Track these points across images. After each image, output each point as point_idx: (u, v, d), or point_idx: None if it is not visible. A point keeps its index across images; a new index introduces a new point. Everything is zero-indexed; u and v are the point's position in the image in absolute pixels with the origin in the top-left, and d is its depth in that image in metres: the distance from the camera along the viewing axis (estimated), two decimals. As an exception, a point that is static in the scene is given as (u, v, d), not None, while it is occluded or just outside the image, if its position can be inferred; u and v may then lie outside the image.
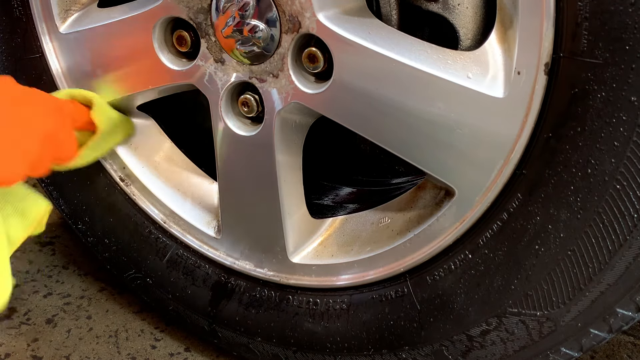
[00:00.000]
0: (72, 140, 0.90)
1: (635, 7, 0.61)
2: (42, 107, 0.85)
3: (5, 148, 0.78)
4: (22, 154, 0.80)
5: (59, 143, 0.87)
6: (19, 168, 0.80)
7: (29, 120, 0.82)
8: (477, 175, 0.76)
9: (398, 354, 0.89)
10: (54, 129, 0.85)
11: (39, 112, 0.84)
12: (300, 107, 0.83)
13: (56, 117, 0.87)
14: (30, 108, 0.83)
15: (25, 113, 0.82)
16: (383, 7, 0.82)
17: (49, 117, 0.85)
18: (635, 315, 0.74)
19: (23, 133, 0.80)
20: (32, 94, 0.86)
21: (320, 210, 1.00)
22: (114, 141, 1.00)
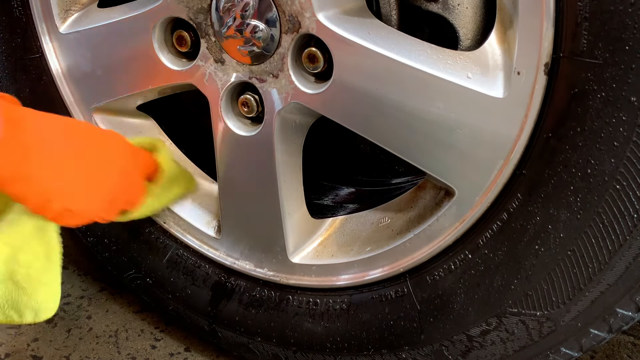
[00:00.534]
0: (142, 186, 0.91)
1: (635, 7, 0.61)
2: (120, 149, 0.88)
3: (86, 181, 0.82)
4: (102, 188, 0.84)
5: (131, 186, 0.89)
6: (98, 203, 0.84)
7: (108, 159, 0.85)
8: (477, 175, 0.76)
9: (398, 354, 0.89)
10: (130, 171, 0.88)
11: (118, 153, 0.87)
12: (300, 107, 0.83)
13: (132, 160, 0.89)
14: (109, 148, 0.86)
15: (105, 153, 0.85)
16: (383, 7, 0.82)
17: (126, 159, 0.88)
18: (635, 315, 0.74)
19: (103, 168, 0.84)
20: (111, 136, 0.89)
21: (320, 210, 1.00)
22: (175, 192, 0.99)
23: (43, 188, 0.78)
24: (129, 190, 0.89)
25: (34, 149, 0.76)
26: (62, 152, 0.79)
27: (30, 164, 0.76)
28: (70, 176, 0.80)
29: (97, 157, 0.84)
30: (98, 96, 1.00)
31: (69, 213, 0.81)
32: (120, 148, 0.88)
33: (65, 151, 0.80)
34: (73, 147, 0.81)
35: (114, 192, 0.85)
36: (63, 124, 0.82)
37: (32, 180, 0.76)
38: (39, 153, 0.77)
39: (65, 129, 0.82)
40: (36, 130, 0.77)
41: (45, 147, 0.78)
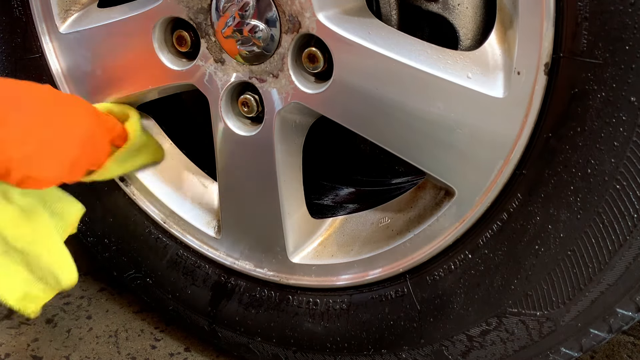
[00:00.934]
0: (106, 147, 0.90)
1: (635, 7, 0.61)
2: (83, 111, 0.87)
3: (47, 148, 0.80)
4: (63, 154, 0.82)
5: (95, 147, 0.88)
6: (59, 168, 0.82)
7: (71, 121, 0.84)
8: (477, 175, 0.76)
9: (398, 354, 0.89)
10: (93, 132, 0.86)
11: (80, 115, 0.86)
12: (300, 107, 0.83)
13: (95, 122, 0.88)
14: (71, 110, 0.85)
15: (67, 115, 0.84)
16: (383, 7, 0.82)
17: (89, 120, 0.87)
18: (635, 315, 0.74)
19: (64, 134, 0.82)
20: (73, 99, 0.88)
21: (320, 210, 1.00)
22: (141, 160, 0.99)
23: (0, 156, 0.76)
24: (91, 153, 0.87)
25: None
26: (19, 118, 0.77)
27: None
28: (28, 142, 0.78)
29: (57, 122, 0.82)
30: (98, 96, 1.00)
31: (31, 179, 0.79)
32: (82, 112, 0.87)
33: (22, 116, 0.78)
34: (30, 112, 0.79)
35: (76, 155, 0.84)
36: (20, 88, 0.81)
37: None
38: None
39: (22, 93, 0.80)
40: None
41: (1, 113, 0.76)
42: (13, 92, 0.79)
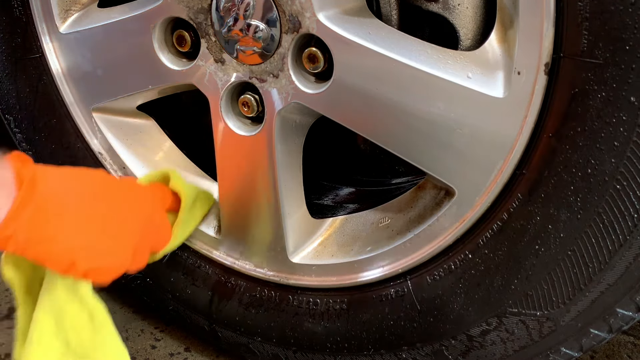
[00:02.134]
0: (166, 223, 0.90)
1: (635, 7, 0.61)
2: (138, 195, 0.87)
3: (109, 236, 0.79)
4: (126, 241, 0.81)
5: (156, 228, 0.88)
6: (122, 256, 0.81)
7: (129, 206, 0.83)
8: (477, 175, 0.76)
9: (398, 354, 0.89)
10: (151, 214, 0.86)
11: (137, 200, 0.85)
12: (301, 107, 0.83)
13: (151, 203, 0.87)
14: (127, 197, 0.84)
15: (124, 200, 0.83)
16: (383, 7, 0.82)
17: (145, 203, 0.86)
18: (635, 315, 0.74)
19: (125, 220, 0.82)
20: (126, 182, 0.88)
21: (320, 210, 1.00)
22: (200, 213, 0.98)
23: (63, 248, 0.75)
24: (154, 233, 0.88)
25: (50, 209, 0.74)
26: (78, 207, 0.77)
27: (48, 225, 0.73)
28: (90, 233, 0.78)
29: (115, 208, 0.81)
30: (98, 96, 1.00)
31: (96, 271, 0.78)
32: (137, 194, 0.87)
33: (82, 205, 0.78)
34: (89, 201, 0.79)
35: (138, 240, 0.83)
36: (76, 178, 0.80)
37: (52, 241, 0.74)
38: (56, 212, 0.74)
39: (79, 183, 0.80)
40: (50, 189, 0.74)
41: (61, 205, 0.75)
42: (69, 181, 0.79)
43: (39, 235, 0.73)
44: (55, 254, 0.75)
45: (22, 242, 0.73)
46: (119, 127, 1.04)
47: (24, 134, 1.09)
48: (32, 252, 0.75)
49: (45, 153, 1.08)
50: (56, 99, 1.03)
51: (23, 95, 1.06)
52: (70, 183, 0.79)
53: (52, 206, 0.74)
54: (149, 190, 0.90)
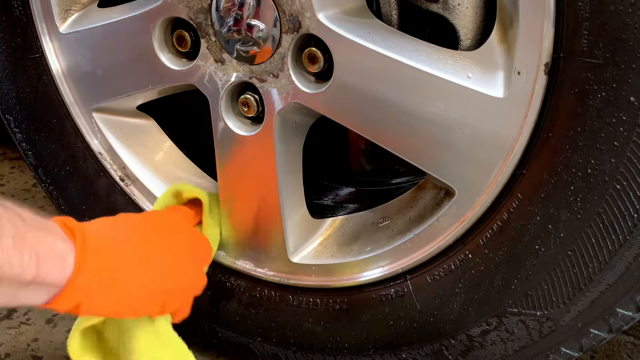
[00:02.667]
0: (203, 237, 0.92)
1: (635, 7, 0.61)
2: (172, 221, 0.88)
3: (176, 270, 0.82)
4: (189, 268, 0.84)
5: (199, 244, 0.90)
6: (195, 283, 0.86)
7: (173, 237, 0.85)
8: (477, 175, 0.76)
9: (398, 354, 0.89)
10: (191, 234, 0.89)
11: (174, 226, 0.87)
12: (301, 107, 0.83)
13: (185, 224, 0.89)
14: (164, 226, 0.86)
15: (165, 233, 0.85)
16: (383, 7, 0.82)
17: (181, 226, 0.89)
18: (635, 315, 0.74)
19: (177, 250, 0.84)
20: (155, 216, 0.90)
21: (320, 210, 1.00)
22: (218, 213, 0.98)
23: (145, 292, 0.76)
24: (200, 250, 0.90)
25: (112, 262, 0.72)
26: (136, 252, 0.77)
27: (117, 276, 0.72)
28: (156, 269, 0.78)
29: (163, 240, 0.83)
30: (98, 96, 1.00)
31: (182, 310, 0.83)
32: (170, 221, 0.88)
33: (138, 250, 0.78)
34: (140, 243, 0.79)
35: (194, 261, 0.86)
36: (117, 225, 0.80)
37: (127, 294, 0.74)
38: (119, 263, 0.73)
39: (122, 228, 0.80)
40: (104, 243, 0.73)
41: (121, 254, 0.75)
42: (114, 229, 0.79)
43: (110, 296, 0.72)
44: (141, 300, 0.76)
45: (97, 299, 0.71)
46: (119, 127, 1.03)
47: (24, 134, 1.09)
48: (111, 307, 0.74)
49: (45, 153, 1.08)
50: (56, 99, 1.03)
51: (23, 95, 1.06)
52: (116, 231, 0.78)
53: (113, 259, 0.73)
54: (175, 213, 0.92)
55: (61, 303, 0.67)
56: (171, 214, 0.92)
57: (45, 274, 0.63)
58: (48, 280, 0.64)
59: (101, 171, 1.05)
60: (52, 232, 0.67)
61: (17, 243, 0.60)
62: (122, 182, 1.04)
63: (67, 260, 0.67)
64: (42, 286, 0.65)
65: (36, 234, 0.64)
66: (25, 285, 0.63)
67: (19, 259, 0.60)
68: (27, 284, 0.63)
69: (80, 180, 1.07)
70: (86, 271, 0.68)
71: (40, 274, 0.63)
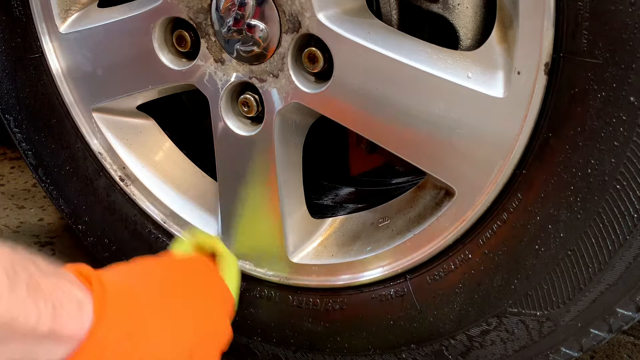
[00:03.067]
0: (224, 284, 0.86)
1: (635, 7, 0.61)
2: (194, 267, 0.84)
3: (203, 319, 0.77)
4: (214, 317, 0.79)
5: (222, 291, 0.84)
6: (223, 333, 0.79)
7: (196, 283, 0.81)
8: (477, 175, 0.76)
9: (398, 354, 0.89)
10: (213, 280, 0.84)
11: (196, 272, 0.83)
12: (300, 107, 0.83)
13: (206, 270, 0.85)
14: (186, 271, 0.82)
15: (187, 278, 0.81)
16: (383, 7, 0.82)
17: (204, 272, 0.84)
18: (635, 315, 0.74)
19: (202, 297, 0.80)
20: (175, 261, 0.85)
21: (320, 210, 1.00)
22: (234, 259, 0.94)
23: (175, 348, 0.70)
24: (223, 298, 0.84)
25: (136, 318, 0.66)
26: (160, 301, 0.72)
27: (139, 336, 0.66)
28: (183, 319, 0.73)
29: (187, 286, 0.78)
30: (98, 96, 1.00)
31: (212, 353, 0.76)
32: (203, 270, 0.84)
33: (162, 298, 0.73)
34: (163, 291, 0.74)
35: (219, 309, 0.81)
36: (136, 272, 0.75)
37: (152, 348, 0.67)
38: (142, 319, 0.67)
39: (142, 275, 0.75)
40: (128, 297, 0.67)
41: (146, 310, 0.69)
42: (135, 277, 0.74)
43: (135, 343, 0.65)
44: (167, 354, 0.69)
45: (119, 354, 0.64)
46: (119, 127, 1.03)
47: (24, 134, 1.09)
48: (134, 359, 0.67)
49: (45, 153, 1.08)
50: (56, 99, 1.03)
51: (23, 95, 1.06)
52: (136, 277, 0.74)
53: (135, 309, 0.67)
54: (198, 259, 0.87)
55: (81, 359, 0.61)
56: (193, 260, 0.87)
57: (62, 325, 0.58)
58: (65, 332, 0.59)
59: (101, 171, 1.05)
60: (67, 280, 0.62)
61: (31, 292, 0.55)
62: (122, 182, 1.04)
63: (85, 309, 0.61)
64: (59, 340, 0.59)
65: (51, 281, 0.59)
66: (41, 339, 0.57)
67: (34, 308, 0.55)
68: (43, 338, 0.57)
69: (80, 180, 1.07)
70: (106, 322, 0.62)
71: (57, 325, 0.58)
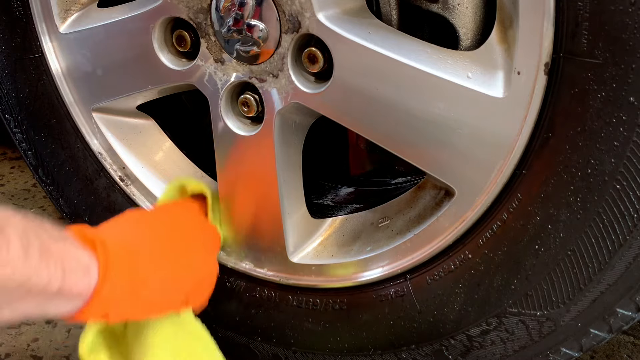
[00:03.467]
0: (212, 226, 0.94)
1: (635, 7, 0.61)
2: (183, 213, 0.91)
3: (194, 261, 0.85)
4: (203, 258, 0.88)
5: (209, 233, 0.93)
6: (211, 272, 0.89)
7: (185, 229, 0.88)
8: (477, 175, 0.76)
9: (398, 354, 0.89)
10: (202, 224, 0.92)
11: (185, 218, 0.90)
12: (300, 107, 0.83)
13: (195, 215, 0.92)
14: (176, 218, 0.89)
15: (178, 225, 0.87)
16: (383, 7, 0.82)
17: (191, 217, 0.91)
18: (635, 315, 0.74)
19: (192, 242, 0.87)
20: (167, 209, 0.92)
21: (320, 210, 1.00)
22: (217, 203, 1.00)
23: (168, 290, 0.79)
24: (211, 239, 0.93)
25: (135, 272, 0.74)
26: (154, 249, 0.79)
27: (139, 287, 0.74)
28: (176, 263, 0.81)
29: (177, 233, 0.85)
30: (98, 96, 1.00)
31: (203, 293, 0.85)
32: (187, 214, 0.91)
33: (155, 246, 0.80)
34: (156, 239, 0.81)
35: (206, 250, 0.89)
36: (130, 223, 0.82)
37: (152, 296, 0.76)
38: (141, 271, 0.75)
39: (136, 227, 0.82)
40: (126, 253, 0.75)
41: (143, 262, 0.76)
42: (129, 230, 0.81)
43: (136, 294, 0.74)
44: (166, 298, 0.79)
45: (123, 306, 0.73)
46: (119, 127, 1.04)
47: (24, 134, 1.09)
48: (138, 311, 0.76)
49: (45, 153, 1.08)
50: (56, 99, 1.03)
51: (23, 95, 1.06)
52: (130, 232, 0.80)
53: (133, 263, 0.75)
54: (182, 206, 0.93)
55: (89, 314, 0.69)
56: (179, 207, 0.93)
57: (70, 285, 0.65)
58: (74, 291, 0.66)
59: (101, 171, 1.05)
60: (74, 244, 0.69)
61: (43, 256, 0.62)
62: (122, 182, 1.04)
63: (90, 270, 0.68)
64: (68, 297, 0.66)
65: (60, 246, 0.65)
66: (52, 297, 0.64)
67: (45, 271, 0.62)
68: (54, 295, 0.64)
69: (80, 180, 1.07)
70: (110, 280, 0.70)
71: (66, 285, 0.64)
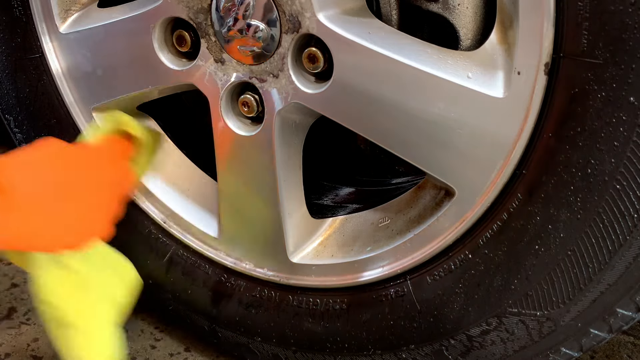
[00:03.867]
0: (130, 171, 0.95)
1: (635, 7, 0.61)
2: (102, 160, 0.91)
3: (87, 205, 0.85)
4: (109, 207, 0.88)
5: (123, 180, 0.93)
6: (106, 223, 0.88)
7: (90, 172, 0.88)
8: (477, 175, 0.76)
9: (398, 354, 0.89)
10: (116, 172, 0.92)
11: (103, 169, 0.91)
12: (300, 107, 0.83)
13: (114, 162, 0.92)
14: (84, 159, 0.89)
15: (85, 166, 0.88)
16: (383, 7, 0.82)
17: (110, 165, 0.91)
18: (635, 315, 0.74)
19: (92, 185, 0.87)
20: (80, 148, 0.92)
21: (320, 210, 1.00)
22: (152, 153, 1.01)
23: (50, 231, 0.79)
24: (123, 184, 0.93)
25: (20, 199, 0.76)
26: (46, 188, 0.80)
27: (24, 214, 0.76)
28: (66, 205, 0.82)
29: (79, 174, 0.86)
30: (98, 96, 1.00)
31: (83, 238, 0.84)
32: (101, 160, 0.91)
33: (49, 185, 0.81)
34: (54, 178, 0.82)
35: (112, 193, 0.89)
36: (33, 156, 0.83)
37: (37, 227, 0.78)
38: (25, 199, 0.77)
39: (37, 162, 0.82)
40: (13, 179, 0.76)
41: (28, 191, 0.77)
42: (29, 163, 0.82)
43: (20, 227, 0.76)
44: (43, 238, 0.79)
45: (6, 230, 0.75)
46: (119, 127, 1.03)
47: (24, 134, 1.09)
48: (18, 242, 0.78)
49: (45, 153, 1.08)
50: (56, 99, 1.03)
51: (23, 95, 1.06)
52: (30, 165, 0.81)
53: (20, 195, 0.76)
54: (108, 147, 0.94)
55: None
56: (97, 147, 0.94)
57: None
58: None
59: (101, 171, 1.05)
60: None
61: None
62: (122, 182, 1.04)
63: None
64: None
65: None
66: None
67: None
68: None
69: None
70: (13, 224, 0.74)
71: None
